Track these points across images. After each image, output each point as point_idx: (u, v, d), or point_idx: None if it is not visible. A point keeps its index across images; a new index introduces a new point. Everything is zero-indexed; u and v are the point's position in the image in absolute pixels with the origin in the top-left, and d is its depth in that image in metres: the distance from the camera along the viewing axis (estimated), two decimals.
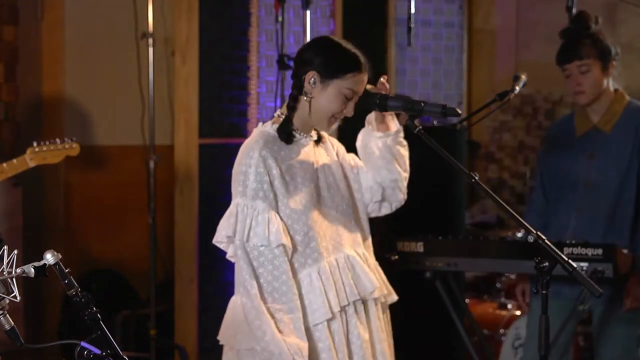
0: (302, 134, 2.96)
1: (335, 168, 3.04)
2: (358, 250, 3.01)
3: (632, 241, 3.70)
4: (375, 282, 2.98)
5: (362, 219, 3.07)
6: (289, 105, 2.93)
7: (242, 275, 2.84)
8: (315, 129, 3.01)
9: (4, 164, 3.83)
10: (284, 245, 2.82)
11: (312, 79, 2.88)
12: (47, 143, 3.88)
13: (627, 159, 3.73)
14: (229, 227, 2.85)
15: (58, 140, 3.90)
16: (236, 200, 2.86)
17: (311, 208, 2.89)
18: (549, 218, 3.89)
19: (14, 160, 3.81)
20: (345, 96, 2.88)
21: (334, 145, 3.10)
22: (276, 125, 2.93)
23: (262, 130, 2.94)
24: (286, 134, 2.91)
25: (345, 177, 3.06)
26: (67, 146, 3.92)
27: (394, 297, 3.07)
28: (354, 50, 2.92)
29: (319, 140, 3.03)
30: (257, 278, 2.81)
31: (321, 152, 3.02)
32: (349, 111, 2.92)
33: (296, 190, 2.88)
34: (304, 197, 2.88)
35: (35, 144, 3.86)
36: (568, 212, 3.82)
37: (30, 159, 3.83)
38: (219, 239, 2.91)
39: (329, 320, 2.87)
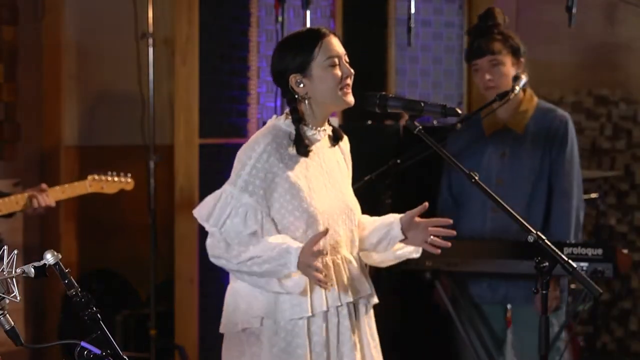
0: (314, 127, 2.93)
1: (342, 169, 3.03)
2: (354, 252, 3.00)
3: None
4: (368, 287, 2.99)
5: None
6: (295, 118, 2.90)
7: (214, 247, 2.86)
8: (329, 123, 2.99)
9: (66, 185, 4.12)
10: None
11: (296, 81, 2.88)
12: (108, 174, 4.20)
13: (539, 159, 3.76)
14: (207, 208, 2.87)
15: (115, 173, 4.22)
16: (225, 187, 2.88)
17: (314, 206, 2.88)
18: (459, 220, 3.80)
19: (75, 183, 4.13)
20: (330, 66, 2.87)
21: (347, 149, 3.08)
22: (289, 122, 2.92)
23: (275, 124, 2.93)
24: (303, 148, 2.89)
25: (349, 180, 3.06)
26: (122, 180, 4.24)
27: (376, 300, 3.06)
28: (305, 28, 2.90)
29: (336, 141, 3.01)
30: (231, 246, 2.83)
31: (335, 152, 3.01)
32: (346, 71, 2.88)
33: (301, 189, 2.87)
34: (308, 196, 2.87)
35: (96, 175, 4.15)
36: (483, 213, 3.81)
37: (90, 185, 4.13)
38: (199, 213, 2.91)
39: (309, 319, 2.87)
